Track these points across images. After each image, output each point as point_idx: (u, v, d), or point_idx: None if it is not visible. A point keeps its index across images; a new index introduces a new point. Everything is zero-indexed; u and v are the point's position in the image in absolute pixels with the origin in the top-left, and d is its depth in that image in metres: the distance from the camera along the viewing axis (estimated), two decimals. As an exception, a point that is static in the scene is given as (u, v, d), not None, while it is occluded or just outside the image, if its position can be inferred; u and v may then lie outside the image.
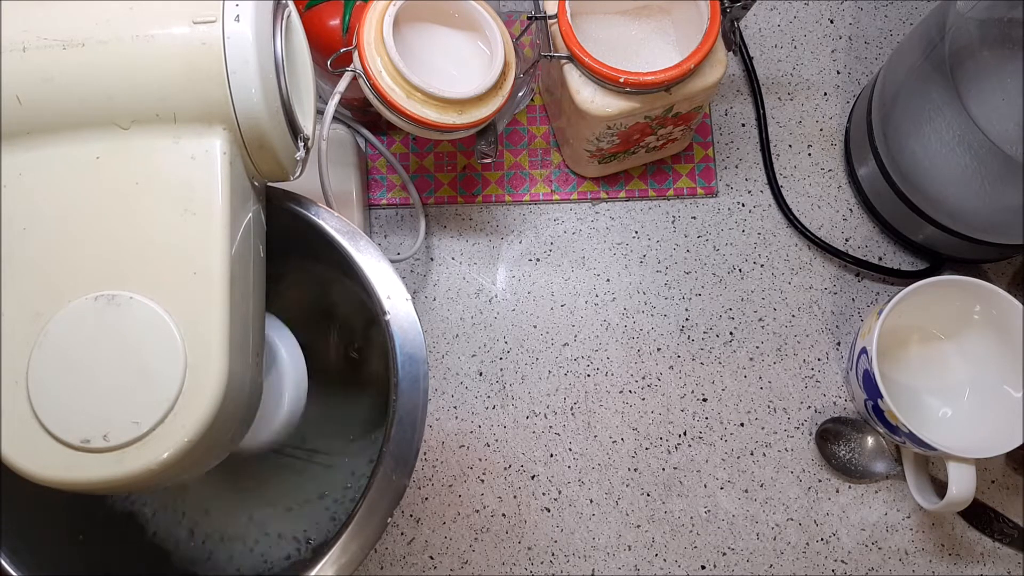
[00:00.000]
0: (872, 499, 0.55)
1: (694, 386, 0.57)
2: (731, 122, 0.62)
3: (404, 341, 0.41)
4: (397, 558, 0.54)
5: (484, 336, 0.58)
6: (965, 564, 0.54)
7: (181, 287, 0.32)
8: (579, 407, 0.57)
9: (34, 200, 0.33)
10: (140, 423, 0.31)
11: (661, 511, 0.55)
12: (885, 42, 0.63)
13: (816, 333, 0.58)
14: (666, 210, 0.60)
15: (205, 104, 0.33)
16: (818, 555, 0.54)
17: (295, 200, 0.43)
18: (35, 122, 0.32)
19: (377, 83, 0.43)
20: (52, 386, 0.31)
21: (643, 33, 0.52)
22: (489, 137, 0.49)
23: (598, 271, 0.59)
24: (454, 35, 0.48)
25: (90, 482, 0.31)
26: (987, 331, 0.52)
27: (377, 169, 0.61)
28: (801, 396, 0.57)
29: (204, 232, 0.33)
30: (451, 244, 0.60)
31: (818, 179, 0.60)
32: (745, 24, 0.63)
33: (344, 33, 0.49)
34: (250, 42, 0.32)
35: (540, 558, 0.54)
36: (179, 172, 0.33)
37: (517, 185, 0.60)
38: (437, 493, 0.55)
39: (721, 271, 0.59)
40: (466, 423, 0.56)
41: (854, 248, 0.59)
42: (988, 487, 0.55)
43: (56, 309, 0.32)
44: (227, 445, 0.37)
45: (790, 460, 0.55)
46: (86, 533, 0.46)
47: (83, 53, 0.32)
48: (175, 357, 0.31)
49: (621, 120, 0.49)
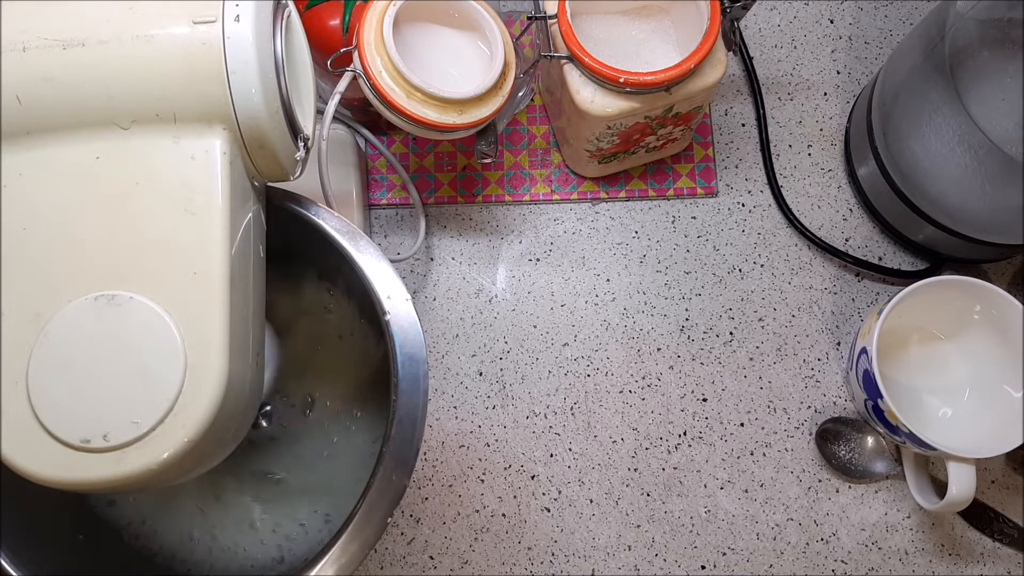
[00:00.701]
0: (872, 499, 0.55)
1: (694, 386, 0.57)
2: (731, 122, 0.62)
3: (404, 341, 0.41)
4: (397, 558, 0.54)
5: (484, 336, 0.58)
6: (965, 564, 0.54)
7: (181, 287, 0.32)
8: (579, 407, 0.56)
9: (34, 200, 0.33)
10: (140, 423, 0.31)
11: (661, 511, 0.55)
12: (885, 42, 0.63)
13: (816, 333, 0.58)
14: (666, 210, 0.60)
15: (205, 104, 0.33)
16: (818, 555, 0.54)
17: (295, 200, 0.43)
18: (35, 122, 0.32)
19: (377, 83, 0.43)
20: (52, 386, 0.31)
21: (643, 33, 0.52)
22: (489, 137, 0.49)
23: (598, 271, 0.59)
24: (454, 35, 0.48)
25: (90, 482, 0.31)
26: (987, 331, 0.52)
27: (377, 169, 0.61)
28: (801, 396, 0.57)
29: (204, 232, 0.33)
30: (451, 244, 0.60)
31: (818, 179, 0.60)
32: (745, 24, 0.63)
33: (344, 33, 0.49)
34: (250, 42, 0.32)
35: (540, 558, 0.54)
36: (179, 172, 0.33)
37: (517, 185, 0.60)
38: (437, 493, 0.55)
39: (721, 271, 0.59)
40: (466, 423, 0.56)
41: (854, 248, 0.59)
42: (988, 487, 0.55)
43: (56, 309, 0.32)
44: (227, 445, 0.37)
45: (790, 460, 0.55)
46: (86, 533, 0.46)
47: (83, 53, 0.32)
48: (175, 357, 0.31)
49: (621, 120, 0.49)
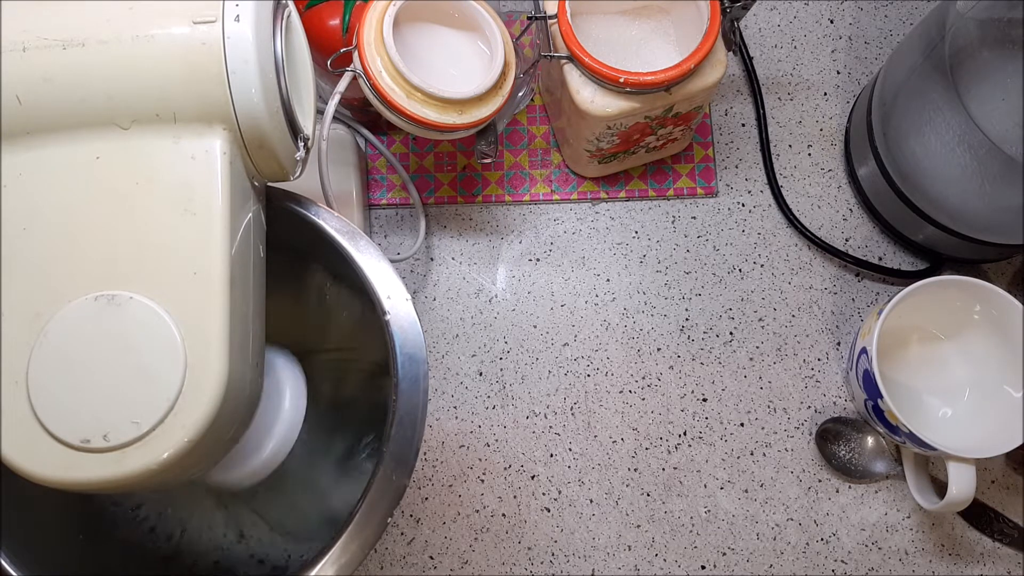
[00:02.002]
0: (872, 499, 0.55)
1: (694, 386, 0.57)
2: (731, 122, 0.62)
3: (404, 341, 0.41)
4: (397, 558, 0.54)
5: (484, 336, 0.58)
6: (965, 564, 0.54)
7: (181, 287, 0.32)
8: (579, 407, 0.56)
9: (34, 200, 0.33)
10: (140, 423, 0.31)
11: (661, 511, 0.55)
12: (885, 42, 0.63)
13: (816, 333, 0.58)
14: (666, 210, 0.60)
15: (205, 104, 0.33)
16: (818, 555, 0.54)
17: (295, 200, 0.43)
18: (35, 122, 0.32)
19: (377, 83, 0.43)
20: (52, 386, 0.31)
21: (643, 33, 0.52)
22: (489, 137, 0.49)
23: (598, 271, 0.59)
24: (454, 35, 0.48)
25: (90, 482, 0.31)
26: (987, 331, 0.52)
27: (377, 169, 0.61)
28: (801, 396, 0.57)
29: (204, 232, 0.33)
30: (451, 244, 0.60)
31: (818, 179, 0.60)
32: (745, 24, 0.63)
33: (344, 33, 0.49)
34: (250, 42, 0.32)
35: (540, 558, 0.54)
36: (179, 172, 0.33)
37: (517, 185, 0.60)
38: (437, 493, 0.55)
39: (721, 271, 0.59)
40: (466, 423, 0.56)
41: (854, 248, 0.59)
42: (988, 487, 0.55)
43: (56, 309, 0.32)
44: (227, 445, 0.37)
45: (790, 460, 0.55)
46: (86, 533, 0.46)
47: (83, 53, 0.32)
48: (175, 357, 0.31)
49: (621, 120, 0.49)
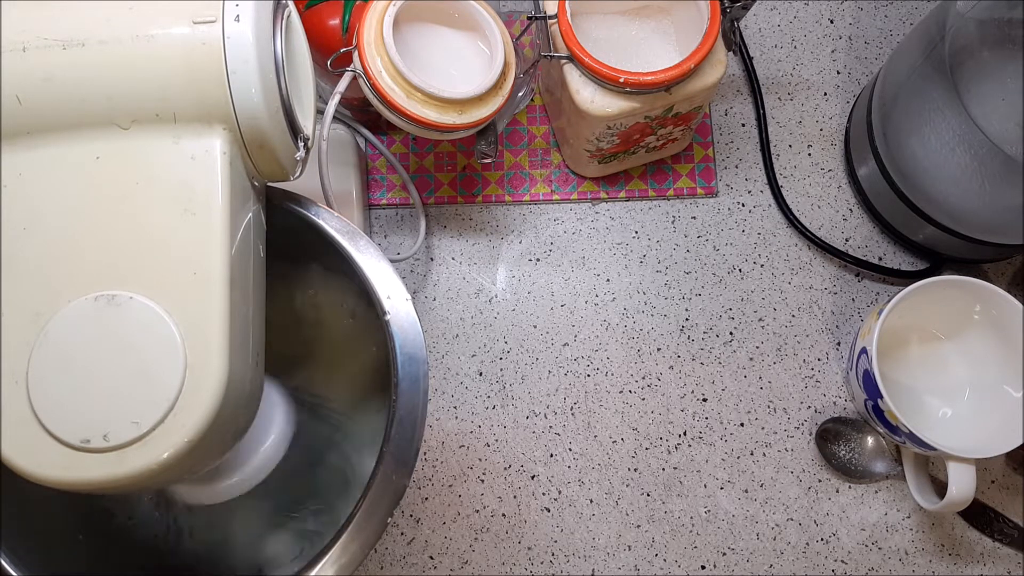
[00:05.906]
0: (872, 499, 0.55)
1: (694, 386, 0.57)
2: (731, 122, 0.62)
3: (404, 341, 0.41)
4: (397, 558, 0.54)
5: (484, 336, 0.58)
6: (965, 564, 0.54)
7: (181, 287, 0.32)
8: (579, 407, 0.56)
9: (34, 200, 0.33)
10: (140, 423, 0.31)
11: (661, 511, 0.55)
12: (885, 42, 0.63)
13: (816, 333, 0.58)
14: (666, 210, 0.60)
15: (205, 104, 0.33)
16: (818, 555, 0.54)
17: (295, 200, 0.43)
18: (35, 122, 0.32)
19: (377, 83, 0.43)
20: (52, 386, 0.31)
21: (643, 33, 0.52)
22: (489, 137, 0.49)
23: (598, 271, 0.59)
24: (454, 35, 0.48)
25: (90, 482, 0.31)
26: (987, 331, 0.52)
27: (377, 169, 0.61)
28: (801, 396, 0.57)
29: (204, 232, 0.33)
30: (451, 244, 0.60)
31: (818, 179, 0.60)
32: (745, 24, 0.63)
33: (344, 33, 0.49)
34: (250, 42, 0.32)
35: (540, 558, 0.54)
36: (179, 172, 0.33)
37: (517, 185, 0.60)
38: (437, 493, 0.55)
39: (721, 271, 0.59)
40: (466, 423, 0.56)
41: (854, 248, 0.59)
42: (988, 487, 0.55)
43: (56, 309, 0.32)
44: (227, 445, 0.37)
45: (790, 460, 0.55)
46: (86, 533, 0.46)
47: (83, 53, 0.32)
48: (175, 357, 0.31)
49: (621, 120, 0.49)
